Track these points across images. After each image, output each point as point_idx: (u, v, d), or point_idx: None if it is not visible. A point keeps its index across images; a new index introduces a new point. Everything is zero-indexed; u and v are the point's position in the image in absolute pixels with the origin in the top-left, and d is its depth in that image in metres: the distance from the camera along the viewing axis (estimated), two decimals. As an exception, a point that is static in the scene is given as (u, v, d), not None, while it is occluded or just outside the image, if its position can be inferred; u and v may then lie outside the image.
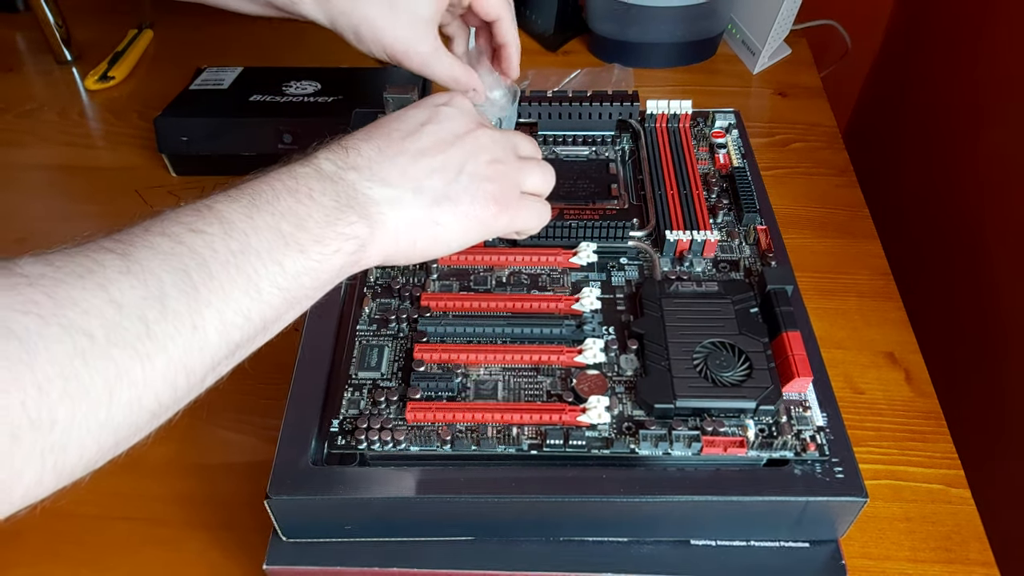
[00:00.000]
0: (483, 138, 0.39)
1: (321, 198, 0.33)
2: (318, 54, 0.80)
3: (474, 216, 0.37)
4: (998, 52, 0.69)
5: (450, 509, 0.38)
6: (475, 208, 0.37)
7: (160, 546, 0.46)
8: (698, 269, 0.45)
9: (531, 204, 0.41)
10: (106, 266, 0.27)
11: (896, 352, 0.55)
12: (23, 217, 0.65)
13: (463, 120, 0.39)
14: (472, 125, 0.39)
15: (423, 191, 0.36)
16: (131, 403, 0.27)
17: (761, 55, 0.77)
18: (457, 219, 0.37)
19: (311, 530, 0.39)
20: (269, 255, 0.31)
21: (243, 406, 0.52)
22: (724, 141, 0.52)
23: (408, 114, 0.39)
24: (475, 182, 0.37)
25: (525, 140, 0.43)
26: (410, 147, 0.37)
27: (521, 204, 0.40)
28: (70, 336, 0.25)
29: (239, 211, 0.31)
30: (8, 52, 0.83)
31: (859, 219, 0.65)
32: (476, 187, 0.37)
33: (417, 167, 0.37)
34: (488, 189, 0.38)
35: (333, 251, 0.33)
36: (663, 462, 0.38)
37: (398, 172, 0.36)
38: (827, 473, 0.37)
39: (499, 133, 0.40)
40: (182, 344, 0.28)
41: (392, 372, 0.40)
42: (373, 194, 0.35)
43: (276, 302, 0.31)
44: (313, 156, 0.36)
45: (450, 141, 0.38)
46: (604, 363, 0.40)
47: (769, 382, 0.37)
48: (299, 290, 0.32)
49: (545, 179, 0.41)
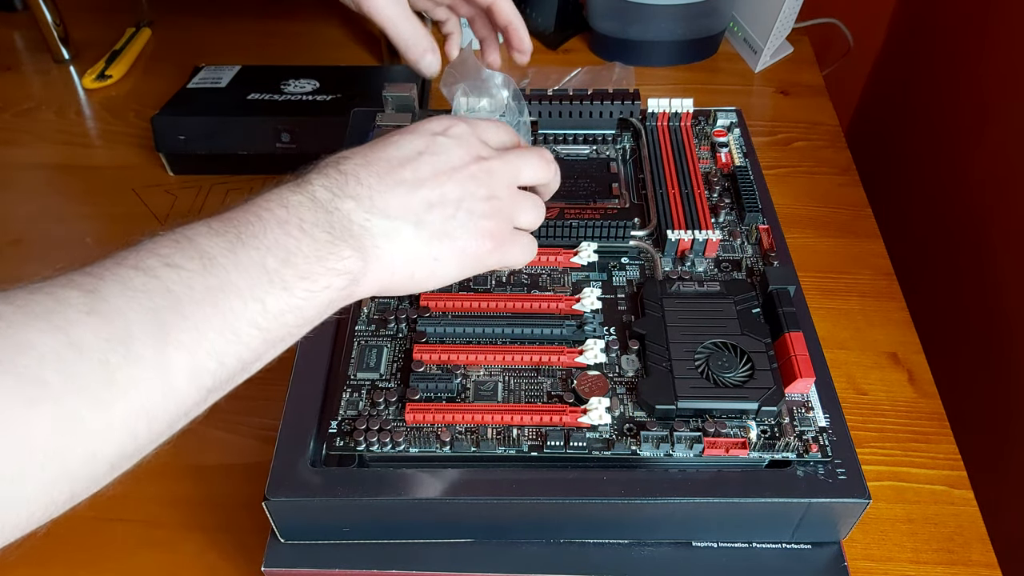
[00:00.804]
0: (481, 173, 0.37)
1: (313, 230, 0.31)
2: (316, 53, 0.80)
3: (471, 253, 0.37)
4: (1001, 49, 0.68)
5: (449, 511, 0.37)
6: (472, 245, 0.36)
7: (157, 548, 0.45)
8: (700, 269, 0.44)
9: (521, 240, 0.40)
10: (69, 305, 0.25)
11: (899, 353, 0.55)
12: (20, 217, 0.65)
13: (460, 152, 0.37)
14: (469, 157, 0.38)
15: (423, 225, 0.35)
16: (88, 454, 0.25)
17: (763, 53, 0.77)
18: (454, 255, 0.36)
19: (309, 532, 0.38)
20: (251, 293, 0.29)
21: (241, 407, 0.52)
22: (726, 140, 0.51)
23: (405, 140, 0.37)
24: (473, 219, 0.36)
25: (529, 162, 0.40)
26: (408, 177, 0.35)
27: (513, 241, 0.39)
28: (21, 385, 0.23)
29: (221, 244, 0.29)
30: (6, 51, 0.83)
31: (862, 218, 0.64)
32: (474, 224, 0.36)
33: (416, 199, 0.35)
34: (485, 226, 0.37)
35: (322, 287, 0.31)
36: (664, 464, 0.38)
37: (398, 203, 0.35)
38: (829, 474, 0.36)
39: (498, 162, 0.38)
40: (146, 390, 0.26)
41: (391, 373, 0.40)
42: (371, 226, 0.33)
43: (255, 343, 0.29)
44: (306, 181, 0.34)
45: (448, 174, 0.36)
46: (605, 364, 0.39)
47: (771, 383, 0.37)
48: (281, 329, 0.30)
49: (538, 216, 0.40)
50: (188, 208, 0.65)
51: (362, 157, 0.36)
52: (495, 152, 0.39)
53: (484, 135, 0.40)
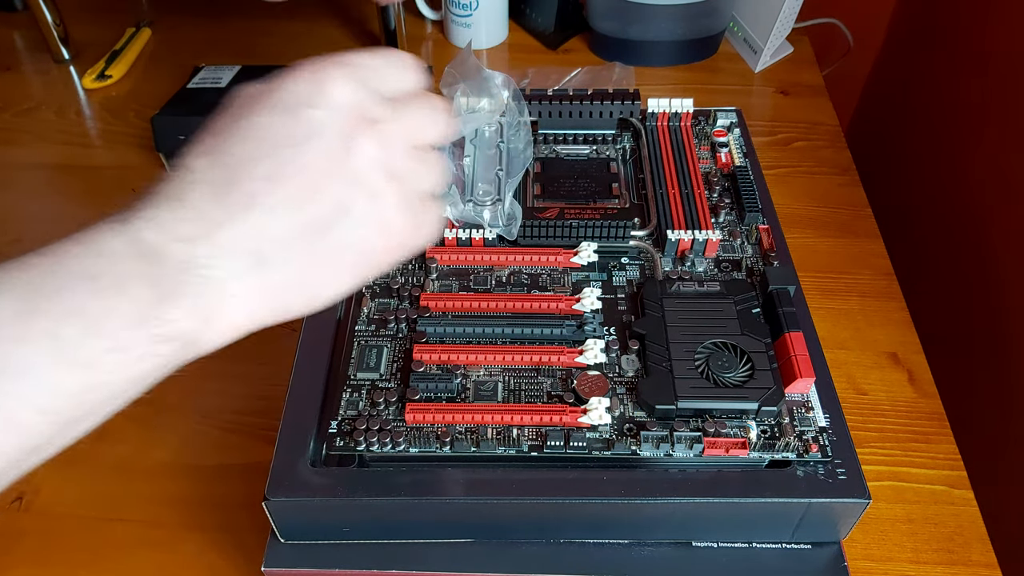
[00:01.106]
0: (368, 149, 0.28)
1: (134, 289, 0.25)
2: (316, 53, 0.80)
3: (362, 262, 0.30)
4: (1001, 49, 0.68)
5: (449, 511, 0.37)
6: (364, 253, 0.29)
7: (157, 548, 0.45)
8: (700, 269, 0.44)
9: (429, 216, 0.32)
10: None
11: (899, 353, 0.55)
12: (19, 217, 0.65)
13: (338, 127, 0.28)
14: (351, 129, 0.28)
15: (290, 250, 0.27)
16: None
17: (763, 53, 0.77)
18: (342, 270, 0.29)
19: (309, 532, 0.38)
20: (38, 373, 0.23)
21: (241, 407, 0.52)
22: (726, 140, 0.51)
23: (259, 124, 0.28)
24: (363, 223, 0.28)
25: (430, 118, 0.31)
26: (261, 191, 0.27)
27: (421, 220, 0.31)
28: None
29: (9, 306, 0.23)
30: (6, 51, 0.83)
31: (862, 218, 0.64)
32: (364, 229, 0.29)
33: (281, 219, 0.27)
34: (384, 220, 0.29)
35: (136, 358, 0.25)
36: (664, 464, 0.38)
37: (250, 235, 0.27)
38: (830, 474, 0.36)
39: (393, 125, 0.30)
40: None
41: (391, 373, 0.40)
42: (214, 273, 0.26)
43: (41, 428, 0.24)
44: (135, 214, 0.26)
45: (324, 170, 0.28)
46: (605, 364, 0.39)
47: (771, 383, 0.37)
48: (79, 409, 0.25)
49: (441, 175, 0.32)
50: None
51: (205, 166, 0.28)
52: (388, 108, 0.30)
53: (374, 81, 0.30)
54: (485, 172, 0.46)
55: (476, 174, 0.46)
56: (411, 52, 0.32)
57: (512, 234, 0.44)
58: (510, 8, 0.82)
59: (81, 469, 0.49)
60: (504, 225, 0.44)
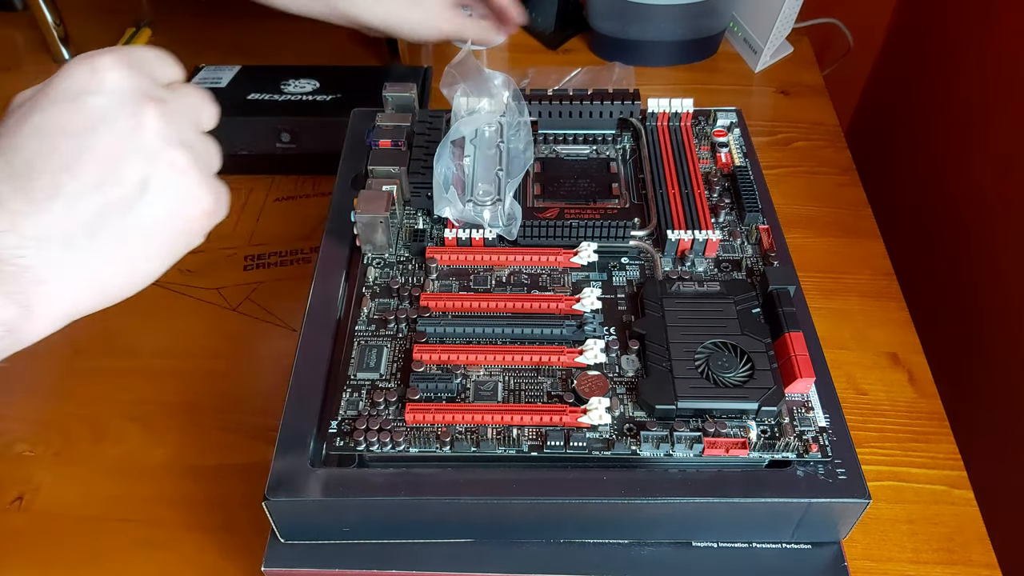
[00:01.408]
0: (156, 123, 0.29)
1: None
2: (317, 53, 0.80)
3: (174, 236, 0.30)
4: (1001, 49, 0.68)
5: (449, 511, 0.37)
6: (174, 225, 0.30)
7: (157, 548, 0.45)
8: (700, 269, 0.44)
9: (222, 189, 0.33)
10: None
11: (899, 353, 0.55)
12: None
13: (121, 109, 0.29)
14: (133, 107, 0.29)
15: (99, 232, 0.28)
16: None
17: (763, 53, 0.77)
18: (156, 246, 0.30)
19: (309, 532, 0.38)
20: None
21: (240, 407, 0.52)
22: (726, 140, 0.51)
23: (44, 118, 0.28)
24: (166, 194, 0.29)
25: (203, 100, 0.34)
26: (64, 175, 0.28)
27: (220, 192, 0.33)
28: None
29: None
30: (6, 51, 0.83)
31: (862, 218, 0.64)
32: (169, 200, 0.30)
33: (82, 207, 0.28)
34: (189, 194, 0.30)
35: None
36: (664, 464, 0.38)
37: (58, 221, 0.27)
38: (830, 474, 0.36)
39: (177, 104, 0.31)
40: None
41: (391, 373, 0.40)
42: (26, 261, 0.27)
43: None
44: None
45: (118, 150, 0.28)
46: (605, 364, 0.39)
47: (771, 383, 0.37)
48: None
49: (220, 157, 0.34)
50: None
51: (2, 160, 0.28)
52: (168, 91, 0.31)
53: (147, 68, 0.31)
54: (485, 172, 0.46)
55: (476, 174, 0.46)
56: (411, 53, 0.32)
57: (512, 234, 0.44)
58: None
59: (81, 469, 0.49)
60: (504, 225, 0.44)
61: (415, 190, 0.46)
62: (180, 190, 0.30)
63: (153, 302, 0.58)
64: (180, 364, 0.54)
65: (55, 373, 0.54)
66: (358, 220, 0.43)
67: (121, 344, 0.55)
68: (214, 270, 0.60)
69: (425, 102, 0.70)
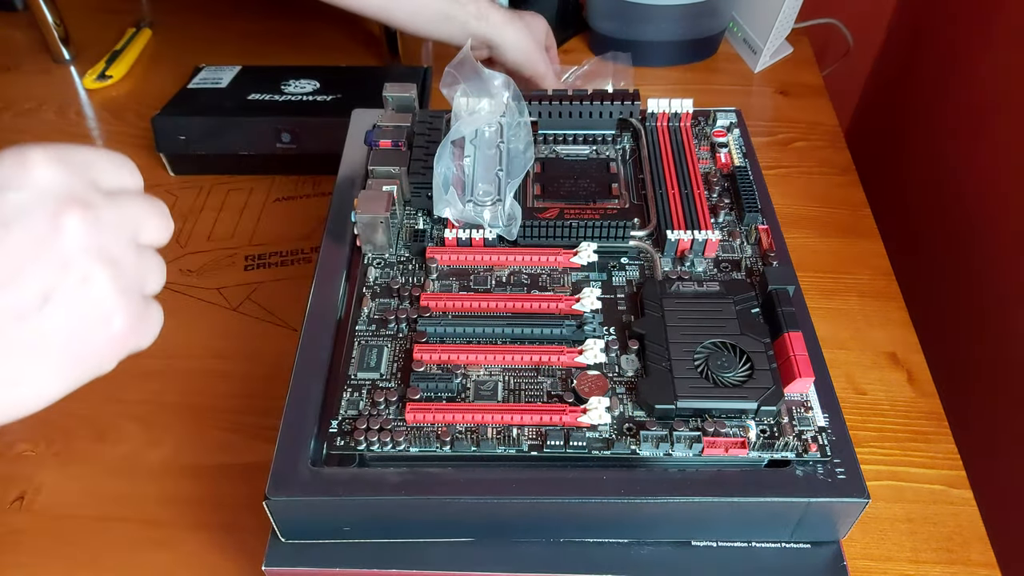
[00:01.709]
0: (77, 231, 0.26)
1: None
2: (316, 53, 0.80)
3: (74, 356, 0.27)
4: (1000, 49, 0.68)
5: (450, 510, 0.37)
6: (74, 346, 0.27)
7: (158, 547, 0.46)
8: (699, 269, 0.44)
9: (154, 313, 0.30)
10: None
11: (898, 352, 0.55)
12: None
13: (42, 210, 0.26)
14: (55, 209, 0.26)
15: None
16: None
17: (763, 53, 0.77)
18: (44, 367, 0.26)
19: (310, 531, 0.38)
20: None
21: (241, 407, 0.52)
22: (725, 140, 0.51)
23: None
24: (70, 311, 0.26)
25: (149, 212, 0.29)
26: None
27: (146, 316, 0.29)
28: None
29: None
30: (6, 51, 0.83)
31: (861, 218, 0.65)
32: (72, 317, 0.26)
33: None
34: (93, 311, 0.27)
35: None
36: (664, 463, 0.38)
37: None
38: (829, 474, 0.36)
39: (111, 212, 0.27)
40: None
41: (391, 373, 0.40)
42: None
43: None
44: None
45: (26, 254, 0.25)
46: (605, 363, 0.40)
47: (771, 383, 0.37)
48: None
49: (163, 276, 0.30)
50: (189, 208, 0.65)
51: None
52: (102, 197, 0.28)
53: (88, 172, 0.28)
54: (485, 172, 0.46)
55: (476, 174, 0.46)
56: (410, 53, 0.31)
57: (512, 234, 0.44)
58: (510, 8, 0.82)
59: (81, 469, 0.49)
60: (504, 225, 0.44)
61: (415, 190, 0.46)
62: (87, 309, 0.26)
63: (153, 302, 0.58)
64: (180, 364, 0.54)
65: (56, 373, 0.54)
66: (358, 220, 0.43)
67: (121, 344, 0.55)
68: (214, 270, 0.60)
69: (425, 102, 0.70)
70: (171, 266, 0.61)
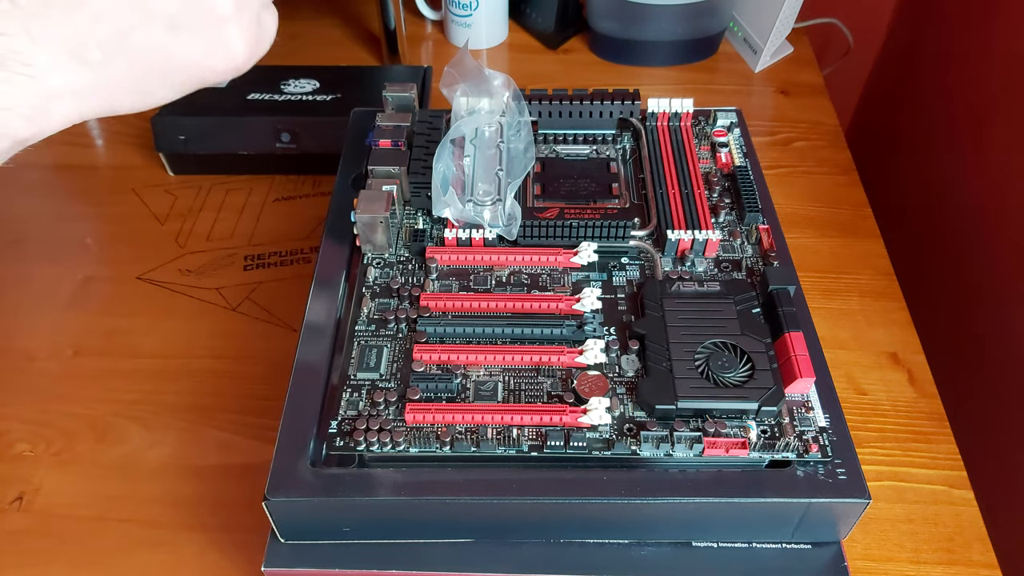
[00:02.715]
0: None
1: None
2: (316, 53, 0.80)
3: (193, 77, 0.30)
4: (1001, 49, 0.68)
5: (450, 511, 0.37)
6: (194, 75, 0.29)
7: (157, 548, 0.45)
8: (700, 269, 0.44)
9: (266, 28, 0.31)
10: None
11: (899, 353, 0.55)
12: (19, 217, 0.65)
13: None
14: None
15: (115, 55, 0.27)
16: None
17: (763, 53, 0.77)
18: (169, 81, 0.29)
19: (309, 532, 0.38)
20: None
21: (241, 407, 0.52)
22: (726, 140, 0.51)
23: None
24: (195, 39, 0.28)
25: None
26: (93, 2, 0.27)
27: (260, 39, 0.31)
28: None
29: None
30: (6, 50, 0.83)
31: (862, 218, 0.64)
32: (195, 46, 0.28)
33: (107, 24, 0.27)
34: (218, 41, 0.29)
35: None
36: (664, 463, 0.38)
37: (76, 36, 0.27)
38: (829, 474, 0.36)
39: None
40: None
41: (391, 373, 0.40)
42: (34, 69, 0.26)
43: None
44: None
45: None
46: (605, 364, 0.39)
47: (771, 383, 0.37)
48: None
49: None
50: (188, 208, 0.65)
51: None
52: None
53: None
54: (485, 172, 0.46)
55: (476, 174, 0.46)
56: (411, 52, 0.31)
57: (512, 234, 0.44)
58: (510, 8, 0.82)
59: (81, 469, 0.49)
60: (504, 225, 0.44)
61: (415, 190, 0.46)
62: (212, 40, 0.29)
63: (153, 302, 0.58)
64: (180, 364, 0.54)
65: (55, 373, 0.54)
66: (358, 220, 0.43)
67: (121, 344, 0.55)
68: (214, 270, 0.60)
69: (425, 102, 0.70)
70: (170, 266, 0.61)
